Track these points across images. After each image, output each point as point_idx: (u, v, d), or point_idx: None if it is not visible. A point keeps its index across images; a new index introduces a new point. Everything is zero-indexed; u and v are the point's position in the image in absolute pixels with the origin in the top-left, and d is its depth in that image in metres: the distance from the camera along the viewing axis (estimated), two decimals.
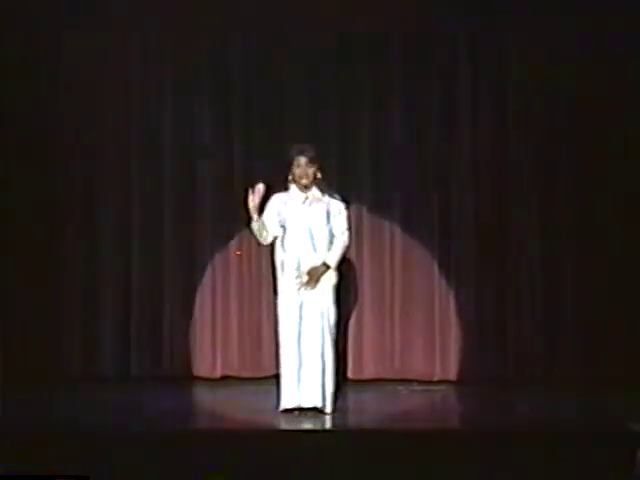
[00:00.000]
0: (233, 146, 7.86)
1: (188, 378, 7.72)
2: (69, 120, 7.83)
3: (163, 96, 7.86)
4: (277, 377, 6.35)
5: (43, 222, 7.81)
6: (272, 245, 6.41)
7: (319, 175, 6.28)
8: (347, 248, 6.40)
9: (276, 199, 6.31)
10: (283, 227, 6.28)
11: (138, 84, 7.86)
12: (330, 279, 6.24)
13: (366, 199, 7.80)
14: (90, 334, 7.81)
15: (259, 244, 6.49)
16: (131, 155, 7.87)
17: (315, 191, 6.29)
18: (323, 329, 6.17)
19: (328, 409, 6.17)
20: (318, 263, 6.21)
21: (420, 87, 7.79)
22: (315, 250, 6.22)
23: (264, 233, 6.27)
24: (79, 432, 5.66)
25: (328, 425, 6.00)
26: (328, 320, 6.19)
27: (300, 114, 7.80)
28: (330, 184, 6.46)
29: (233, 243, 7.85)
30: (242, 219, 7.66)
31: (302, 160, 6.24)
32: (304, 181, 6.25)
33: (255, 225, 6.23)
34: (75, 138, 7.83)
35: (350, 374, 7.72)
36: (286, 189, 6.33)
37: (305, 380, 6.12)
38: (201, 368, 7.81)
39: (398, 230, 7.81)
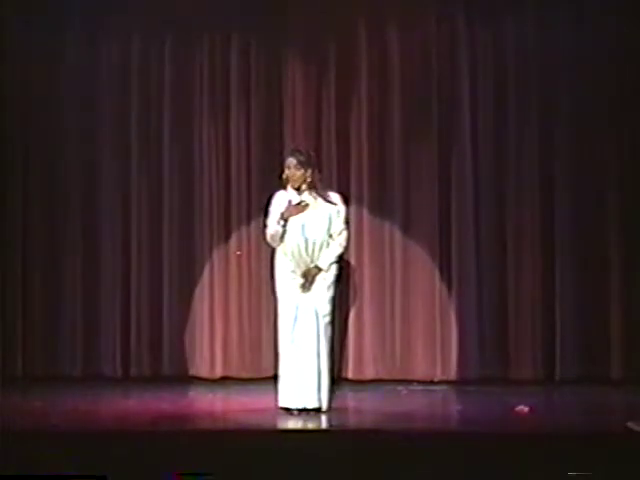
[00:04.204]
0: (232, 146, 7.87)
1: (188, 378, 7.73)
2: (69, 120, 7.87)
3: (162, 96, 7.88)
4: (275, 377, 6.36)
5: (43, 222, 7.84)
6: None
7: (309, 179, 6.23)
8: (345, 248, 6.37)
9: (279, 196, 6.31)
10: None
11: (138, 84, 7.88)
12: (325, 279, 6.23)
13: (366, 199, 7.80)
14: (90, 334, 7.82)
15: (269, 245, 6.42)
16: (131, 155, 7.89)
17: (309, 195, 6.25)
18: (318, 330, 6.16)
19: (324, 407, 6.17)
20: (312, 265, 6.20)
21: (420, 87, 7.81)
22: (309, 252, 6.20)
23: (280, 236, 6.23)
24: (79, 432, 5.65)
25: (327, 425, 5.99)
26: (323, 320, 6.19)
27: (300, 113, 7.81)
28: (330, 183, 6.45)
29: (232, 244, 7.86)
30: (241, 220, 7.77)
31: (291, 162, 6.23)
32: (293, 183, 6.23)
33: (280, 228, 6.19)
34: (75, 137, 7.86)
35: (350, 374, 7.71)
36: (284, 188, 6.31)
37: (301, 381, 6.11)
38: (201, 369, 7.81)
39: (398, 230, 7.81)
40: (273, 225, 6.22)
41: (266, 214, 6.33)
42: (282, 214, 6.16)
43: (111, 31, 7.86)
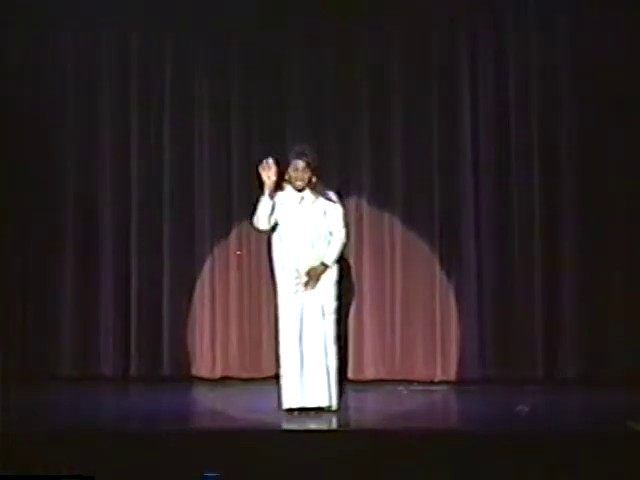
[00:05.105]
0: (232, 145, 7.88)
1: (188, 378, 7.72)
2: (68, 120, 7.88)
3: (163, 95, 7.89)
4: (277, 377, 6.34)
5: (43, 222, 7.84)
6: (270, 245, 6.39)
7: (314, 179, 6.24)
8: (345, 245, 6.36)
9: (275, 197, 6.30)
10: (277, 224, 6.26)
11: (137, 83, 7.89)
12: (330, 277, 6.23)
13: (366, 197, 7.81)
14: (90, 334, 7.82)
15: (255, 227, 6.34)
16: (130, 153, 7.88)
17: (309, 193, 6.25)
18: (325, 328, 6.16)
19: (334, 407, 6.17)
20: (316, 263, 6.20)
21: (420, 87, 7.81)
22: (313, 250, 6.20)
23: (267, 217, 6.18)
24: (79, 432, 5.65)
25: (329, 425, 5.99)
26: (329, 317, 6.18)
27: (300, 113, 7.82)
28: (330, 180, 6.45)
29: (232, 243, 7.85)
30: (240, 219, 7.76)
31: (300, 164, 6.21)
32: (298, 184, 6.23)
33: (266, 204, 6.15)
34: (74, 136, 7.87)
35: (350, 375, 7.69)
36: (281, 189, 6.31)
37: (310, 380, 6.10)
38: (201, 368, 7.81)
39: (398, 231, 7.81)
40: (264, 202, 6.15)
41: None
42: (269, 188, 6.13)
43: (111, 31, 7.87)
